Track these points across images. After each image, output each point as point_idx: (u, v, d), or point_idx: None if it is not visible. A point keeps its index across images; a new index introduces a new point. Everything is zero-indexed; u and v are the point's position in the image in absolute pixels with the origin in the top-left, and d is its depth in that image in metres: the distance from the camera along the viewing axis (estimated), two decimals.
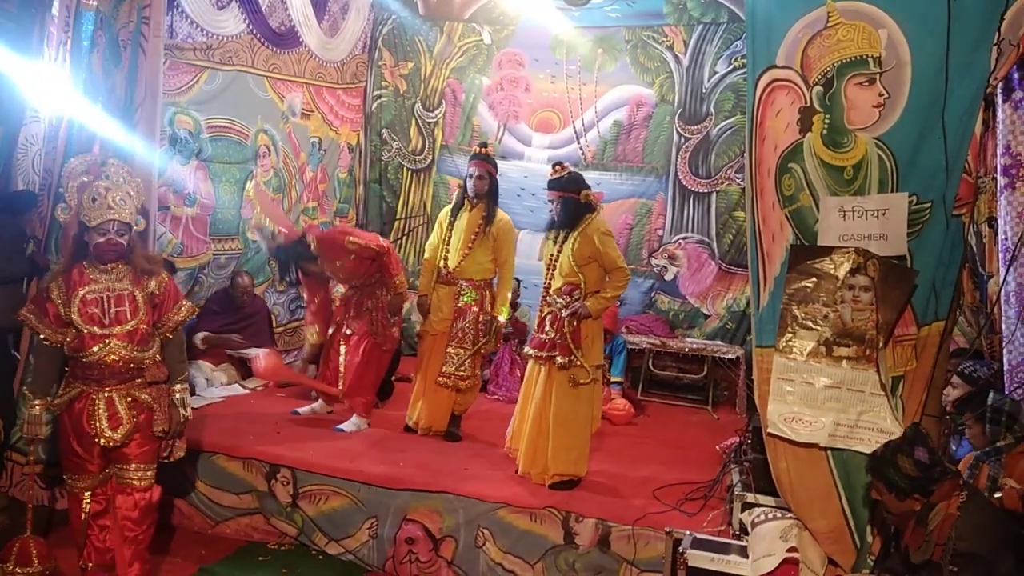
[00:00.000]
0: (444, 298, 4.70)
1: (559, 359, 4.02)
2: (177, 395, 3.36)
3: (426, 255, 4.89)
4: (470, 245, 4.61)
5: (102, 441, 3.16)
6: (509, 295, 4.81)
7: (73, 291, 3.15)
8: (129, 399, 3.21)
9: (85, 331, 3.13)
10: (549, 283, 4.17)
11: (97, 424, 3.16)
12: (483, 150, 4.72)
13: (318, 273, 4.91)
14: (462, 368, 4.62)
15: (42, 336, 3.16)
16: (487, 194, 4.64)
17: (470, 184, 4.64)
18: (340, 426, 4.78)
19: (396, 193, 7.52)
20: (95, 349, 3.14)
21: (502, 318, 4.76)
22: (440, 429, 4.74)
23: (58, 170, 4.19)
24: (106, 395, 3.18)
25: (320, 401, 5.05)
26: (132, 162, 4.09)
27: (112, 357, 3.15)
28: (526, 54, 7.24)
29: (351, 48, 7.11)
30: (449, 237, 4.69)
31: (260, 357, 5.06)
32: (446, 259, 4.69)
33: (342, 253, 4.70)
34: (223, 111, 5.79)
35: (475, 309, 4.64)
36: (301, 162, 6.78)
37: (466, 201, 4.68)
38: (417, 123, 7.54)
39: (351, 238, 4.70)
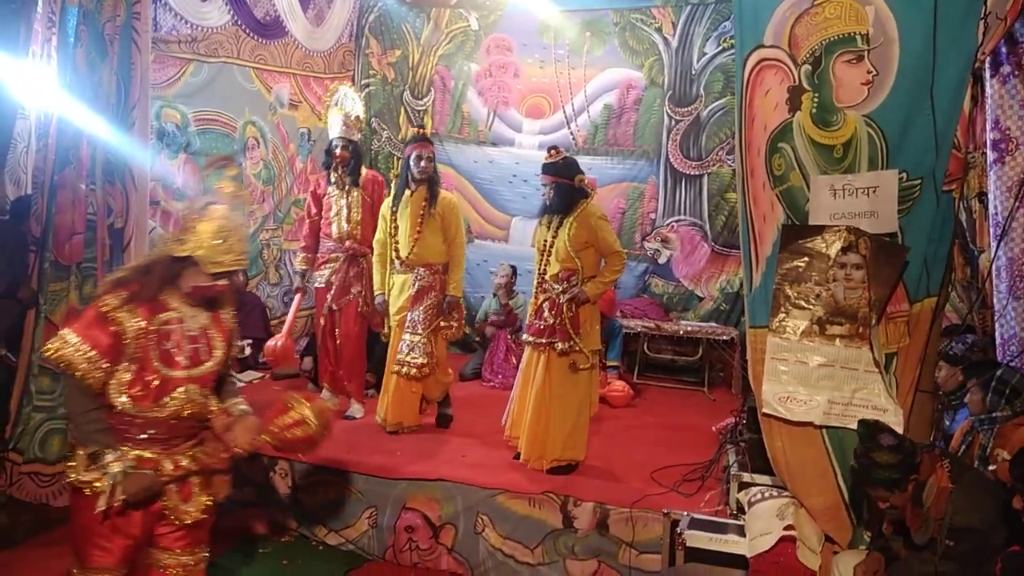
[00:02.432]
0: (401, 288, 4.63)
1: (559, 345, 4.01)
2: (243, 405, 2.70)
3: (375, 252, 4.75)
4: (419, 229, 4.52)
5: (175, 519, 2.52)
6: (460, 273, 4.68)
7: (151, 320, 2.44)
8: (195, 462, 2.56)
9: (160, 374, 2.45)
10: (544, 269, 4.16)
11: (168, 498, 2.50)
12: (424, 131, 4.70)
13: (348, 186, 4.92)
14: (414, 355, 4.50)
15: (79, 373, 2.35)
16: (432, 176, 4.59)
17: (418, 167, 4.53)
18: (348, 412, 4.83)
19: (388, 183, 7.47)
20: (176, 396, 2.47)
21: (450, 294, 4.61)
22: (411, 424, 4.63)
23: (50, 168, 4.16)
24: (171, 459, 2.50)
25: (325, 393, 5.06)
26: (131, 160, 4.09)
27: (188, 409, 2.50)
28: (514, 39, 7.19)
29: (337, 37, 7.06)
30: (396, 227, 4.60)
31: (276, 340, 5.07)
32: (397, 249, 4.60)
33: (379, 192, 4.94)
34: (210, 104, 5.75)
35: (432, 294, 4.55)
36: (290, 153, 6.74)
37: (407, 187, 4.61)
38: (406, 111, 7.50)
39: (387, 192, 4.99)
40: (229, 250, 2.49)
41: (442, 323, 4.60)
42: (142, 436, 2.46)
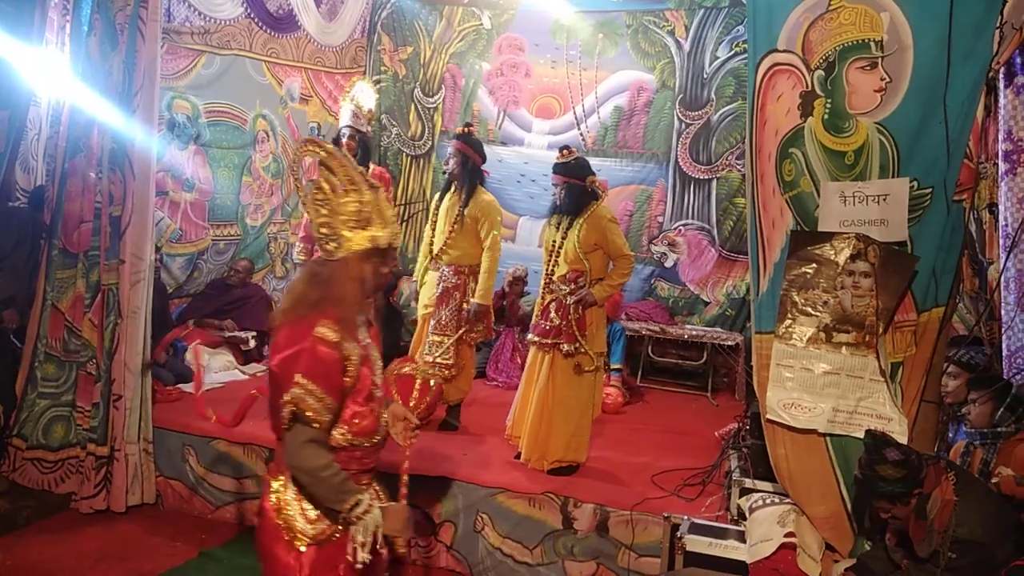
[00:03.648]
0: (430, 283, 4.65)
1: (565, 346, 4.00)
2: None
3: (425, 240, 4.84)
4: (451, 229, 4.55)
5: (401, 549, 2.28)
6: (489, 281, 4.56)
7: (357, 343, 2.13)
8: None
9: (375, 399, 2.19)
10: (552, 270, 4.14)
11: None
12: (464, 130, 4.67)
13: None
14: (444, 356, 4.47)
15: (317, 421, 2.00)
16: (463, 176, 4.55)
17: (447, 164, 4.63)
18: None
19: (395, 179, 7.48)
20: (384, 417, 2.26)
21: (476, 301, 4.49)
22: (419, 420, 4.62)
23: (61, 156, 4.18)
24: (380, 488, 2.29)
25: None
26: (131, 148, 4.10)
27: (384, 432, 2.27)
28: (526, 39, 7.20)
29: (350, 32, 7.07)
30: (435, 221, 4.65)
31: None
32: (432, 244, 4.66)
33: (385, 189, 4.84)
34: (221, 96, 5.77)
35: (458, 295, 4.53)
36: None
37: (451, 184, 4.63)
38: (416, 108, 7.50)
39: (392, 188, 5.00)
40: (390, 220, 2.17)
41: (468, 330, 4.54)
42: (358, 470, 2.17)
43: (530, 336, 4.27)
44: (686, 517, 3.48)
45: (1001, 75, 3.63)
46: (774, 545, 3.14)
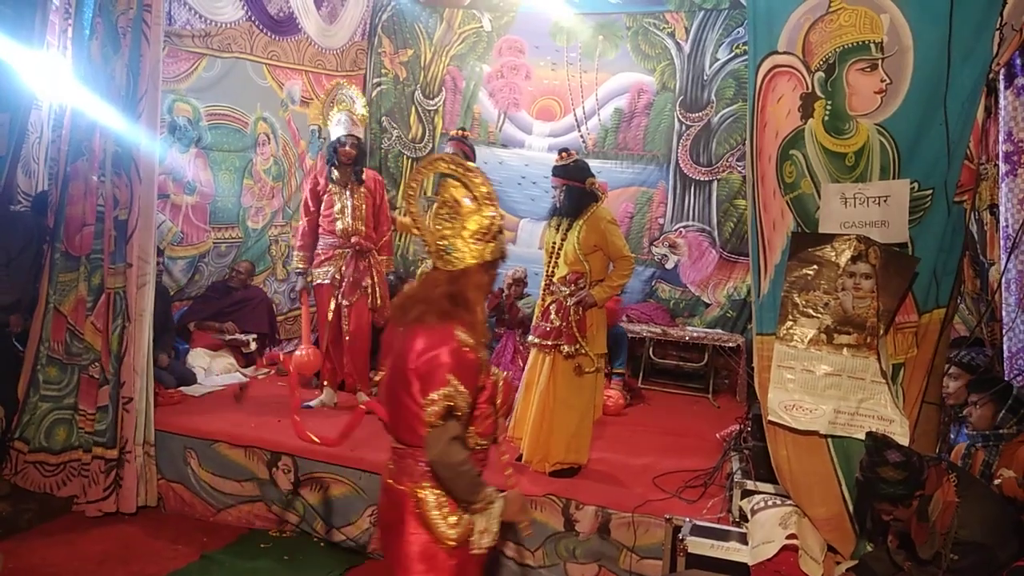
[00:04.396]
0: None
1: (565, 348, 4.00)
2: None
3: None
4: None
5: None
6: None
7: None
8: None
9: (494, 402, 2.32)
10: (552, 271, 4.14)
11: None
12: (459, 133, 4.70)
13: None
14: None
15: (462, 419, 2.16)
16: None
17: None
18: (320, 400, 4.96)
19: (396, 182, 7.49)
20: (498, 425, 2.36)
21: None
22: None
23: (63, 159, 4.19)
24: None
25: (328, 392, 5.06)
26: (137, 152, 4.11)
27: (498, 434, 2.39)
28: (526, 41, 7.20)
29: (350, 35, 7.08)
30: None
31: (303, 351, 5.00)
32: None
33: (380, 191, 5.04)
34: (222, 99, 5.77)
35: None
36: (301, 150, 6.76)
37: None
38: (417, 111, 7.51)
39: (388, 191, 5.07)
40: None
41: None
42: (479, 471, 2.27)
43: (531, 338, 4.27)
44: (688, 519, 3.48)
45: (1001, 76, 3.64)
46: (776, 547, 3.15)
